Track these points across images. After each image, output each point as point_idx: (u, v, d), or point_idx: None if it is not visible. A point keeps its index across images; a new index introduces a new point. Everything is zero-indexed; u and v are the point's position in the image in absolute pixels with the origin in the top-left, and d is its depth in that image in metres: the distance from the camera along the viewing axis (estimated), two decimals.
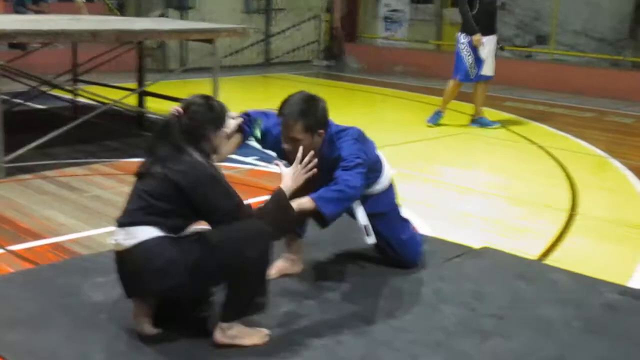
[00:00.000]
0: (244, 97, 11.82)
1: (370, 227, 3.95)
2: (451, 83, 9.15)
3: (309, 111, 3.73)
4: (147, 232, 3.23)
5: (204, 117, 3.42)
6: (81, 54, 9.23)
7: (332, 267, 4.35)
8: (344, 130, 3.94)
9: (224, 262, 3.22)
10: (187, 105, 3.43)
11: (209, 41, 7.54)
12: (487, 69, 9.04)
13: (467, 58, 8.86)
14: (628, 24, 13.71)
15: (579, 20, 13.98)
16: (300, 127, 3.69)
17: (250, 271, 3.25)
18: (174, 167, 3.27)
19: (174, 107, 3.44)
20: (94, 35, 6.49)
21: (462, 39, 8.89)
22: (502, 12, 14.81)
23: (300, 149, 3.61)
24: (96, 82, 9.14)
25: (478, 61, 8.90)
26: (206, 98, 3.51)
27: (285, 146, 3.77)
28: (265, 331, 3.43)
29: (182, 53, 13.82)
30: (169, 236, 3.25)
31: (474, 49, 8.82)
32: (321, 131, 3.78)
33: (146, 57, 13.52)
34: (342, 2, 16.76)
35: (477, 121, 9.30)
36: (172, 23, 9.03)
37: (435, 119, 9.24)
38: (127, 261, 3.27)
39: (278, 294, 3.84)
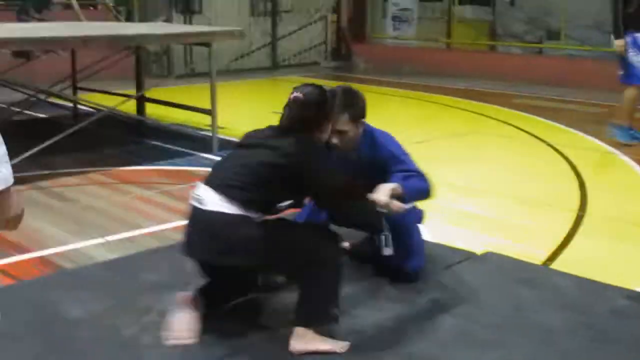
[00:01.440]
0: (251, 100, 11.69)
1: (390, 237, 3.81)
2: (629, 91, 7.97)
3: (352, 102, 3.87)
4: (233, 209, 3.18)
5: (319, 107, 3.47)
6: (84, 60, 9.08)
7: None
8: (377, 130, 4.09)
9: (296, 253, 3.27)
10: (304, 92, 3.47)
11: (207, 45, 7.37)
12: None
13: (635, 58, 7.78)
14: None
15: (589, 14, 13.71)
16: (347, 118, 3.80)
17: (321, 273, 3.24)
18: (287, 140, 3.33)
19: (294, 93, 3.45)
20: (85, 41, 6.35)
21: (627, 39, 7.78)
22: (512, 8, 14.67)
23: None
24: (96, 89, 9.01)
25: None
26: (320, 88, 3.56)
27: (334, 140, 3.82)
28: (343, 342, 3.33)
29: (186, 58, 13.66)
30: (251, 217, 3.21)
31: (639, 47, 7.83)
32: (363, 120, 3.93)
33: (152, 63, 13.52)
34: (349, 2, 16.59)
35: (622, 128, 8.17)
36: (167, 27, 8.85)
37: (627, 136, 8.02)
38: (203, 221, 3.23)
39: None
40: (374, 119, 4.08)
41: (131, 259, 4.45)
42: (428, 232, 4.91)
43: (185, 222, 3.33)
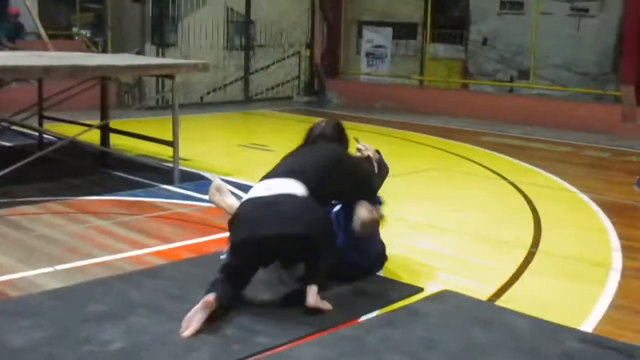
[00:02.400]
0: (221, 133, 11.74)
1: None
2: None
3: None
4: (300, 189, 4.10)
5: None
6: (54, 90, 9.06)
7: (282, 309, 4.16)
8: None
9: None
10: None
11: (170, 77, 7.40)
12: None
13: None
14: (611, 58, 13.65)
15: (560, 55, 13.92)
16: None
17: (332, 255, 4.19)
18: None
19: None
20: (46, 71, 6.37)
21: None
22: (484, 47, 14.85)
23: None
24: (64, 118, 9.00)
25: None
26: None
27: None
28: (329, 305, 4.12)
29: (158, 89, 13.69)
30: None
31: None
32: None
33: (125, 94, 13.56)
34: (324, 38, 16.73)
35: None
36: (131, 59, 8.82)
37: None
38: (281, 203, 4.03)
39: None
40: None
41: (77, 289, 4.43)
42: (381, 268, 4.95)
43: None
